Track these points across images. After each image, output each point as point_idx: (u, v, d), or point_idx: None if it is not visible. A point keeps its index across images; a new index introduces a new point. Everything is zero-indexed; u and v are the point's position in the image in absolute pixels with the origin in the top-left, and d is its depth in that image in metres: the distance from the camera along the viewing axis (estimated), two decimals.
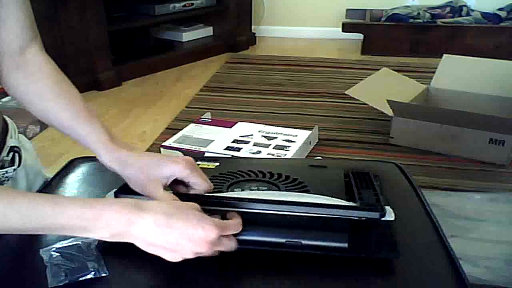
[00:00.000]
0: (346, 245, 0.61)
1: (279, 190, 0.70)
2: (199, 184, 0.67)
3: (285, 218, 0.62)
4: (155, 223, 0.55)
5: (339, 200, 0.65)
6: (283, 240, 0.62)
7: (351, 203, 0.63)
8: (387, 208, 0.62)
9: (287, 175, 0.74)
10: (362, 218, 0.61)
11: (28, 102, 0.72)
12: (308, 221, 0.62)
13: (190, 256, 0.56)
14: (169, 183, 0.66)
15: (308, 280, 0.60)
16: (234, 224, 0.60)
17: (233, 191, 0.70)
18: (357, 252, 0.62)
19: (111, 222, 0.55)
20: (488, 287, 1.17)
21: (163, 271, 0.61)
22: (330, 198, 0.65)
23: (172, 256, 0.57)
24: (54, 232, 0.58)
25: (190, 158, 0.68)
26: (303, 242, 0.62)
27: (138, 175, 0.66)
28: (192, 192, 0.67)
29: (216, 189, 0.69)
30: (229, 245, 0.59)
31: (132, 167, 0.67)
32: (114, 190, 0.69)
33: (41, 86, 0.72)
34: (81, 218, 0.54)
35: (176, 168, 0.66)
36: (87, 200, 0.57)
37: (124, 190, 0.68)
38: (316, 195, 0.66)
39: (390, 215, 0.62)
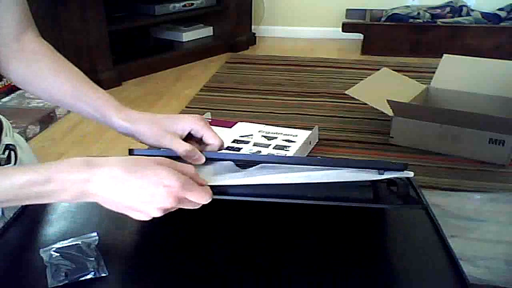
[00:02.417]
0: (371, 196, 0.60)
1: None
2: (212, 137, 0.66)
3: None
4: (110, 179, 0.52)
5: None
6: (307, 193, 0.61)
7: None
8: None
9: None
10: (386, 171, 0.60)
11: (30, 84, 0.74)
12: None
13: (156, 214, 0.53)
14: (184, 136, 0.66)
15: (307, 277, 0.60)
16: (202, 190, 0.54)
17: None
18: (382, 202, 0.60)
19: (66, 184, 0.52)
20: (488, 287, 1.17)
21: (163, 271, 0.61)
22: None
23: (138, 215, 0.54)
24: (18, 203, 0.55)
25: (200, 115, 0.68)
26: (327, 194, 0.61)
27: (153, 128, 0.66)
28: (208, 148, 0.67)
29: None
30: (201, 198, 0.54)
31: (145, 123, 0.67)
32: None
33: (41, 65, 0.74)
34: (32, 185, 0.52)
35: (191, 121, 0.66)
36: (34, 165, 0.54)
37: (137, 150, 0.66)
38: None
39: (409, 173, 0.61)
